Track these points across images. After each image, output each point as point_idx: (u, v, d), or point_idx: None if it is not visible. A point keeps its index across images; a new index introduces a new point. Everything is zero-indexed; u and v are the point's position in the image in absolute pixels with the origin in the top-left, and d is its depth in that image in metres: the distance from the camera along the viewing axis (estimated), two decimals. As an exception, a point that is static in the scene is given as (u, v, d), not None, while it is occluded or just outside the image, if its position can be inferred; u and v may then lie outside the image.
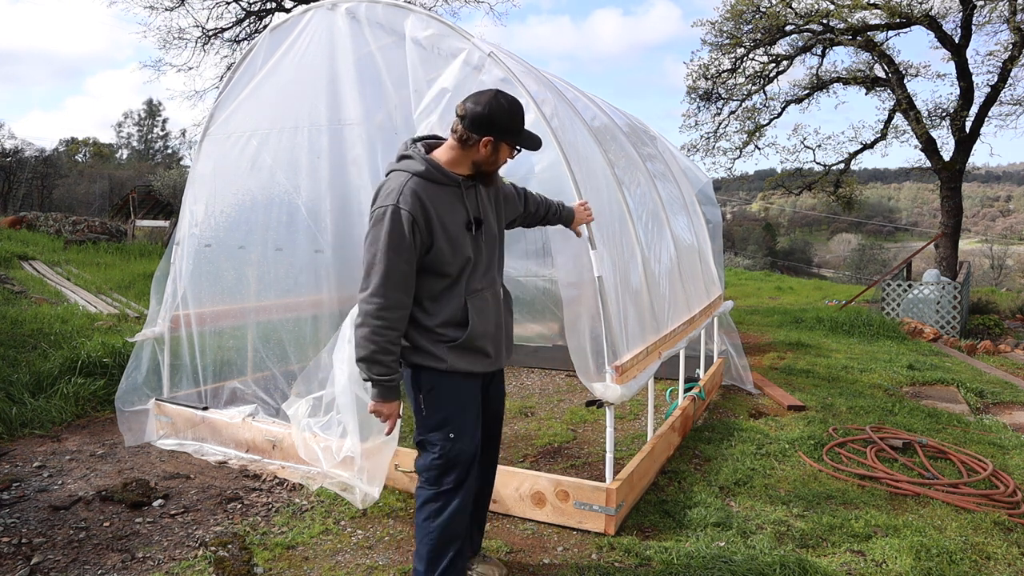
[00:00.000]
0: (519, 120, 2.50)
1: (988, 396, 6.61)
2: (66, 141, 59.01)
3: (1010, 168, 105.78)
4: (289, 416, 3.98)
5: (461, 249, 2.47)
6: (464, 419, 2.52)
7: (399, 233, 2.36)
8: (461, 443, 2.50)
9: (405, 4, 3.87)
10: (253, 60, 4.54)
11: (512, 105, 2.47)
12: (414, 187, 2.40)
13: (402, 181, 2.42)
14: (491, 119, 2.41)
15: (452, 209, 2.47)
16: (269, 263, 4.58)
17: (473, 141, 2.45)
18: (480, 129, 2.42)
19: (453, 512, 2.50)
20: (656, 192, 5.07)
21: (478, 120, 2.41)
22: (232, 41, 15.41)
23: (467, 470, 2.53)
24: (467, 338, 2.48)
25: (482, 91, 2.49)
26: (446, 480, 2.50)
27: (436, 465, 2.50)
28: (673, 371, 5.23)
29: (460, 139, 2.47)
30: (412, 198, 2.38)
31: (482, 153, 2.46)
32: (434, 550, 2.49)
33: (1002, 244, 55.43)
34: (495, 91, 2.47)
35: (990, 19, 13.44)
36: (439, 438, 2.49)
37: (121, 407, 4.53)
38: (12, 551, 3.04)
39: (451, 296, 2.49)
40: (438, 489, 2.51)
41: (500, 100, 2.44)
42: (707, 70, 16.15)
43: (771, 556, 3.05)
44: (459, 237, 2.47)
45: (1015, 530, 3.47)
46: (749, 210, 67.67)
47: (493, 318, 2.58)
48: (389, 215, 2.37)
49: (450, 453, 2.49)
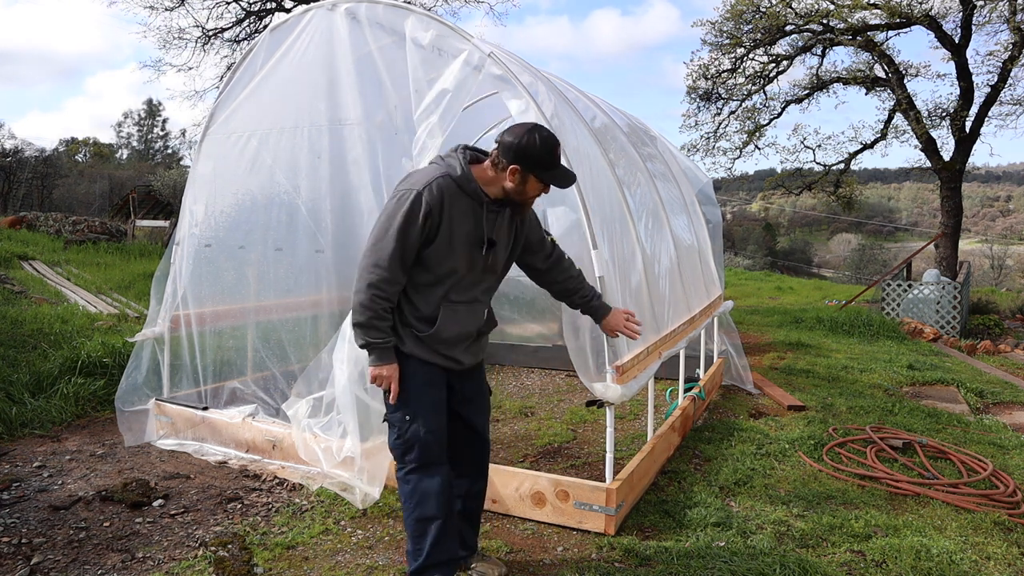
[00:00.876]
0: (550, 156, 2.54)
1: (988, 396, 6.61)
2: (66, 141, 59.09)
3: (1010, 168, 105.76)
4: (289, 416, 3.98)
5: (454, 258, 2.56)
6: (420, 403, 2.60)
7: (414, 217, 2.48)
8: (416, 424, 2.59)
9: (405, 4, 3.87)
10: (253, 60, 4.54)
11: (545, 141, 2.52)
12: (443, 184, 2.52)
13: (436, 175, 2.53)
14: (522, 150, 2.49)
15: (465, 220, 2.56)
16: (269, 263, 4.58)
17: (503, 167, 2.54)
18: (510, 157, 2.51)
19: (423, 490, 2.59)
20: (656, 192, 5.07)
21: (510, 148, 2.51)
22: (232, 41, 15.42)
23: (427, 451, 2.60)
24: (429, 338, 2.59)
25: (522, 123, 2.58)
26: (408, 458, 2.62)
27: (398, 444, 2.63)
28: (673, 371, 5.23)
29: (493, 161, 2.58)
30: (437, 192, 2.50)
31: (509, 181, 2.54)
32: (415, 527, 2.60)
33: (1002, 244, 55.42)
34: (533, 124, 2.57)
35: (990, 19, 13.46)
36: (398, 419, 2.62)
37: (121, 407, 4.53)
38: (12, 551, 3.04)
39: (430, 295, 2.60)
40: (405, 467, 2.63)
41: (535, 134, 2.51)
42: (707, 70, 16.16)
43: (771, 556, 3.05)
44: (459, 247, 2.56)
45: (1015, 530, 3.47)
46: (749, 210, 67.66)
47: (461, 330, 2.66)
48: (412, 198, 2.48)
49: (407, 434, 2.60)
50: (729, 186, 58.61)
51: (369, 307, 2.50)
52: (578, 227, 3.35)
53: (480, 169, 2.59)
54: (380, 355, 2.56)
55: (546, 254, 2.87)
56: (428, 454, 2.61)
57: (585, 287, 2.96)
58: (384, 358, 2.56)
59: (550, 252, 2.88)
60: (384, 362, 2.56)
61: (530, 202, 2.65)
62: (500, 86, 3.52)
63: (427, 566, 2.58)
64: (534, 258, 2.86)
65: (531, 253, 2.84)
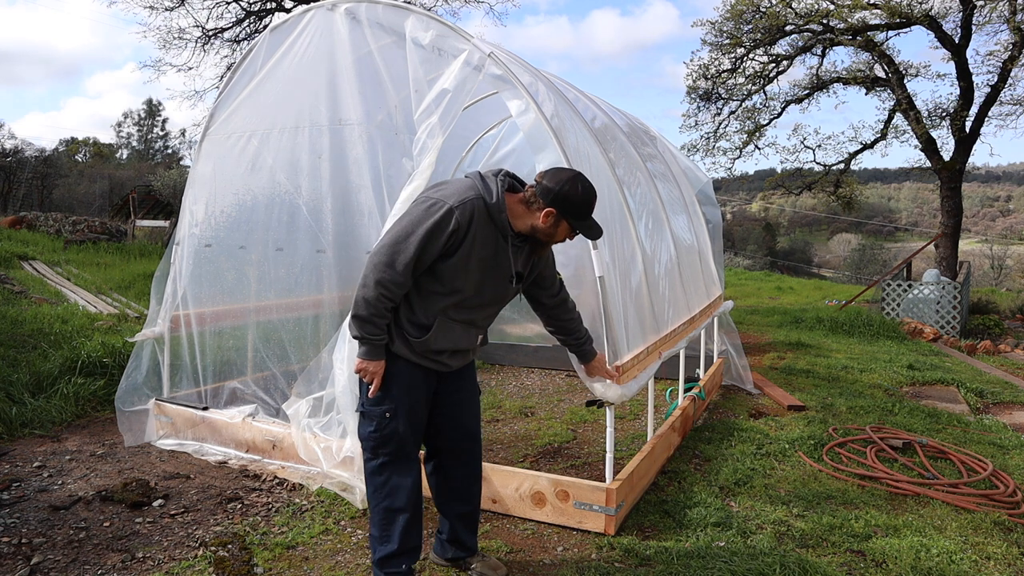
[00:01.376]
0: (588, 207, 2.58)
1: (988, 396, 6.61)
2: (66, 141, 59.04)
3: (1010, 168, 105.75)
4: (289, 416, 3.98)
5: (464, 278, 2.56)
6: (402, 402, 2.61)
7: (440, 231, 2.47)
8: (396, 423, 2.61)
9: (405, 4, 3.87)
10: (253, 60, 4.54)
11: (587, 192, 2.56)
12: (476, 206, 2.51)
13: (471, 195, 2.52)
14: (563, 197, 2.52)
15: (486, 247, 2.56)
16: (270, 263, 4.58)
17: (539, 207, 2.56)
18: (548, 200, 2.53)
19: (395, 484, 2.63)
20: (656, 192, 5.07)
21: (550, 192, 2.53)
22: (232, 41, 15.42)
23: (403, 447, 2.64)
24: (418, 344, 2.60)
25: (566, 170, 2.61)
26: (383, 451, 2.63)
27: (373, 437, 2.63)
28: (673, 371, 5.23)
29: (527, 200, 2.59)
30: (468, 212, 2.49)
31: (542, 222, 2.56)
32: (384, 516, 2.64)
33: (1002, 244, 55.38)
34: (577, 173, 2.58)
35: (990, 19, 13.45)
36: (377, 413, 2.62)
37: (121, 407, 4.53)
38: (12, 551, 3.04)
39: (431, 305, 2.59)
40: (377, 460, 2.64)
41: (578, 184, 2.54)
42: (707, 70, 16.16)
43: (771, 556, 3.05)
44: (473, 270, 2.56)
45: (1015, 530, 3.47)
46: (749, 210, 67.60)
47: (452, 346, 2.67)
48: (443, 211, 2.47)
49: (385, 430, 2.62)
50: (729, 186, 58.62)
51: (373, 304, 2.49)
52: (578, 227, 3.34)
53: (513, 200, 2.60)
54: (371, 350, 2.56)
55: (554, 292, 2.89)
56: (403, 450, 2.65)
57: (582, 329, 3.03)
58: (374, 354, 2.57)
59: (557, 291, 2.90)
60: (373, 358, 2.57)
61: (549, 244, 2.67)
62: (500, 86, 3.52)
63: (397, 552, 2.63)
64: (542, 293, 2.88)
65: (540, 288, 2.86)
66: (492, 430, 5.02)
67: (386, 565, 2.64)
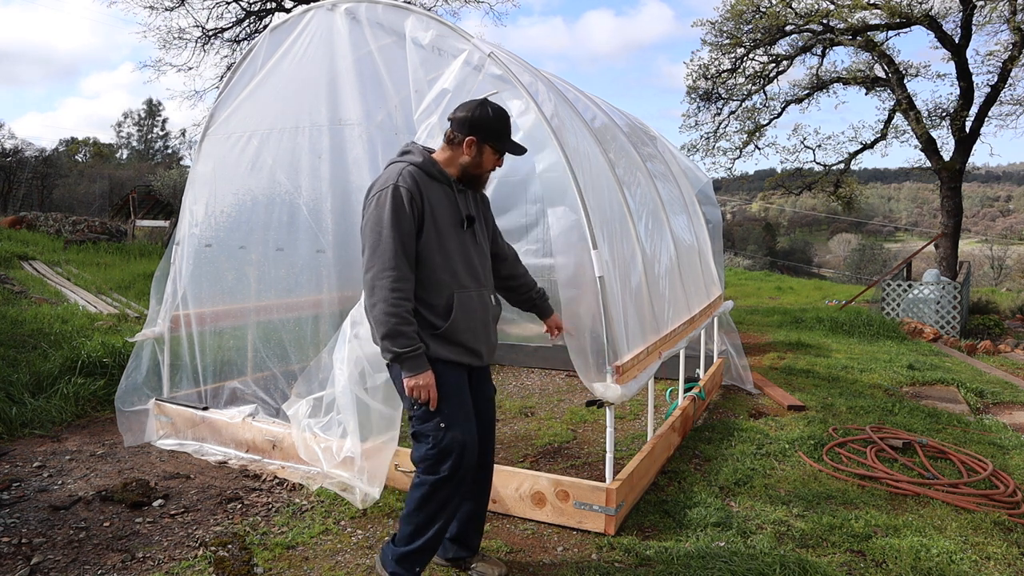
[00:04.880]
0: (504, 127, 2.67)
1: (988, 396, 6.61)
2: (66, 141, 59.01)
3: (1010, 168, 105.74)
4: (289, 416, 3.98)
5: (448, 242, 2.59)
6: (452, 407, 2.56)
7: (401, 208, 2.50)
8: (452, 431, 2.54)
9: (405, 4, 3.87)
10: (253, 60, 4.54)
11: (497, 112, 2.66)
12: (412, 172, 2.57)
13: (400, 168, 2.59)
14: (477, 122, 2.61)
15: (442, 204, 2.61)
16: (270, 263, 4.58)
17: (458, 140, 2.64)
18: (465, 130, 2.61)
19: (444, 500, 2.57)
20: (656, 192, 5.07)
21: (463, 122, 2.62)
22: (232, 41, 15.41)
23: (462, 456, 2.55)
24: (448, 329, 2.56)
25: (471, 99, 2.70)
26: (442, 468, 2.54)
27: (431, 455, 2.54)
28: (673, 371, 5.23)
29: (448, 139, 2.68)
30: (410, 179, 2.54)
31: (467, 154, 2.64)
32: (424, 521, 2.59)
33: (1002, 244, 55.37)
34: (484, 99, 2.69)
35: (990, 19, 13.44)
36: (431, 428, 2.54)
37: (121, 407, 4.53)
38: (12, 551, 3.04)
39: (440, 287, 2.58)
40: (436, 477, 2.54)
41: (486, 106, 2.64)
42: (707, 70, 16.16)
43: (771, 556, 3.05)
44: (447, 230, 2.60)
45: (1015, 530, 3.47)
46: (749, 210, 67.57)
47: (480, 317, 2.66)
48: (390, 194, 2.50)
49: (442, 443, 2.53)
50: (729, 186, 58.63)
51: (393, 313, 2.42)
52: (578, 227, 3.34)
53: (438, 152, 2.69)
54: (413, 364, 2.46)
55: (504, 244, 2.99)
56: (467, 461, 2.55)
57: (536, 288, 3.09)
58: (418, 366, 2.46)
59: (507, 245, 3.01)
60: (419, 370, 2.46)
61: (486, 176, 2.74)
62: (500, 86, 3.52)
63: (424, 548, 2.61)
64: (495, 245, 2.94)
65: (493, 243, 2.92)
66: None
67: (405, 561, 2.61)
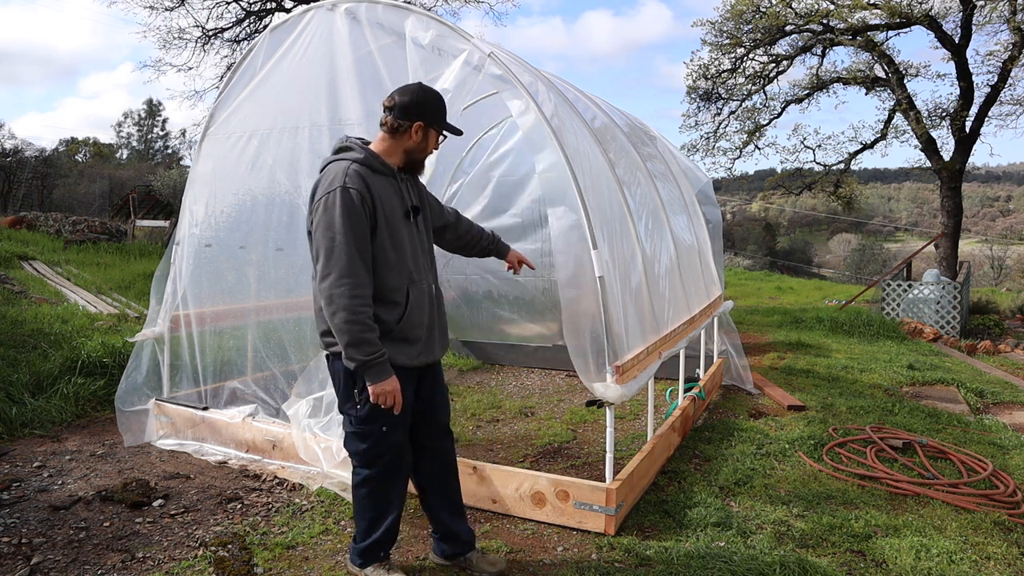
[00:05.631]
0: (444, 108, 2.69)
1: (988, 396, 6.61)
2: (66, 141, 59.01)
3: (1010, 168, 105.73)
4: (289, 416, 3.98)
5: (399, 235, 2.58)
6: (397, 415, 2.61)
7: (353, 210, 2.45)
8: (393, 435, 2.63)
9: (405, 4, 3.87)
10: (253, 60, 4.54)
11: (437, 95, 2.68)
12: (357, 170, 2.53)
13: (344, 167, 2.53)
14: (421, 106, 2.60)
15: (390, 197, 2.60)
16: (270, 263, 4.58)
17: (404, 128, 2.61)
18: (410, 116, 2.59)
19: (387, 492, 2.69)
20: (656, 192, 5.07)
21: (408, 108, 2.59)
22: (232, 41, 15.41)
23: (399, 454, 2.69)
24: (403, 326, 2.58)
25: (407, 84, 2.69)
26: (379, 462, 2.66)
27: (367, 452, 2.64)
28: (673, 371, 5.23)
29: (391, 129, 2.62)
30: (357, 178, 2.50)
31: (413, 139, 2.63)
32: (373, 522, 2.72)
33: (1002, 244, 55.36)
34: (419, 83, 2.69)
35: (990, 19, 13.44)
36: (374, 431, 2.61)
37: (121, 407, 4.53)
38: (12, 551, 3.04)
39: (398, 279, 2.58)
40: (370, 471, 2.67)
41: (427, 90, 2.66)
42: (707, 70, 16.16)
43: (771, 556, 3.05)
44: (397, 224, 2.59)
45: (1015, 530, 3.47)
46: (749, 210, 67.55)
47: (427, 310, 2.68)
48: (339, 196, 2.45)
49: (382, 444, 2.63)
50: (729, 186, 58.64)
51: (355, 320, 2.40)
52: (578, 227, 3.35)
53: (376, 144, 2.66)
54: (379, 371, 2.46)
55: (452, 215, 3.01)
56: (401, 458, 2.69)
57: (487, 233, 3.14)
58: (383, 372, 2.47)
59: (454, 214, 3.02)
60: (384, 376, 2.47)
61: (425, 159, 2.74)
62: (500, 86, 3.52)
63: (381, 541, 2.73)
64: (440, 219, 2.96)
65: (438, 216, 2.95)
66: (492, 430, 5.02)
67: (367, 553, 2.76)
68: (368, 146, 2.65)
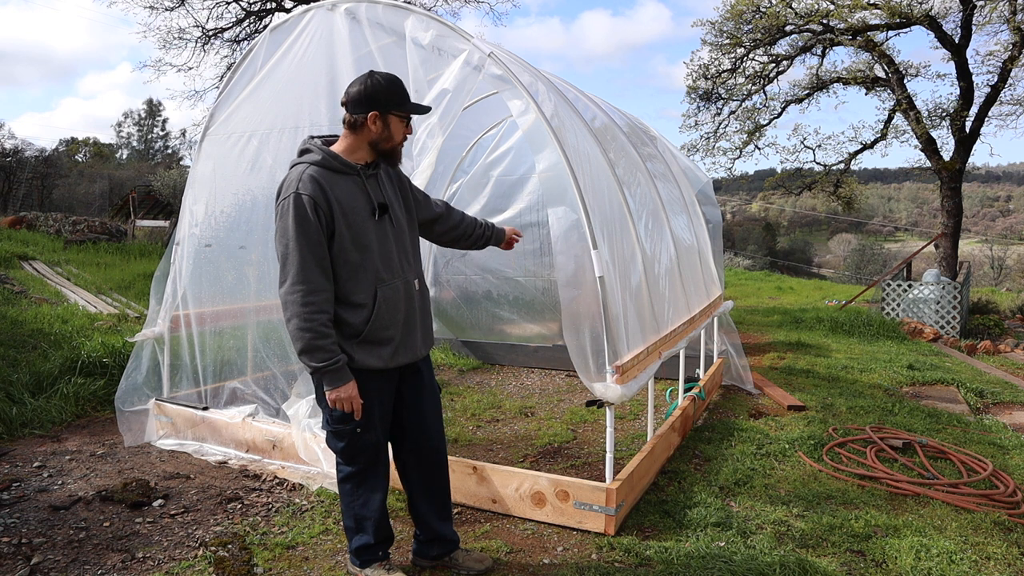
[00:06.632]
0: (401, 91, 2.58)
1: (988, 396, 6.61)
2: (66, 141, 58.99)
3: (1010, 168, 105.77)
4: (289, 416, 3.98)
5: (363, 236, 2.52)
6: (371, 414, 2.61)
7: (304, 218, 2.42)
8: (367, 435, 2.63)
9: (405, 4, 3.87)
10: (253, 60, 4.54)
11: (388, 79, 2.56)
12: (312, 174, 2.48)
13: (300, 171, 2.50)
14: (371, 95, 2.51)
15: (353, 196, 2.53)
16: (270, 263, 4.58)
17: (360, 121, 2.54)
18: (363, 107, 2.52)
19: (369, 491, 2.71)
20: (656, 192, 5.07)
21: (360, 100, 2.52)
22: (232, 41, 15.40)
23: (377, 454, 2.71)
24: (371, 328, 2.54)
25: (358, 76, 2.60)
26: (358, 460, 2.68)
27: (344, 450, 2.67)
28: (673, 371, 5.23)
29: (350, 125, 2.57)
30: (311, 183, 2.45)
31: (373, 130, 2.55)
32: (358, 520, 2.73)
33: (1002, 244, 55.38)
34: (370, 71, 2.59)
35: (990, 19, 13.42)
36: (348, 431, 2.61)
37: (121, 407, 4.53)
38: (12, 551, 3.04)
39: (363, 280, 2.53)
40: (352, 468, 2.70)
41: (376, 77, 2.54)
42: (707, 70, 16.15)
43: (771, 556, 3.05)
44: (361, 224, 2.52)
45: (1015, 530, 3.47)
46: (749, 210, 67.60)
47: (403, 309, 2.63)
48: (292, 203, 2.43)
49: (357, 445, 2.64)
50: (729, 186, 58.61)
51: (307, 328, 2.40)
52: (578, 227, 3.35)
53: (339, 143, 2.60)
54: (333, 377, 2.46)
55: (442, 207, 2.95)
56: (378, 457, 2.70)
57: (480, 223, 3.08)
58: (339, 379, 2.47)
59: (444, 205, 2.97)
60: (340, 383, 2.47)
61: (399, 148, 2.65)
62: (500, 86, 3.52)
63: (373, 543, 2.74)
64: (427, 212, 2.89)
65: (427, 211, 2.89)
66: (492, 430, 5.02)
67: (364, 554, 2.76)
68: (330, 145, 2.60)
